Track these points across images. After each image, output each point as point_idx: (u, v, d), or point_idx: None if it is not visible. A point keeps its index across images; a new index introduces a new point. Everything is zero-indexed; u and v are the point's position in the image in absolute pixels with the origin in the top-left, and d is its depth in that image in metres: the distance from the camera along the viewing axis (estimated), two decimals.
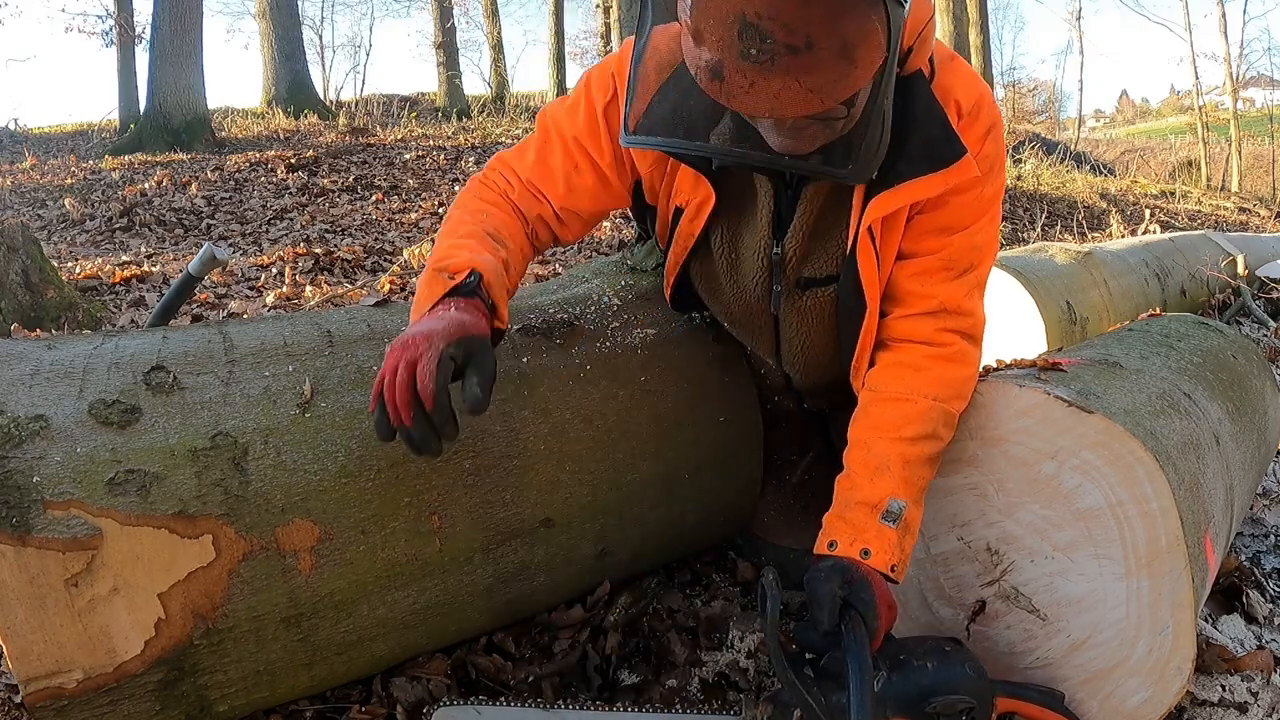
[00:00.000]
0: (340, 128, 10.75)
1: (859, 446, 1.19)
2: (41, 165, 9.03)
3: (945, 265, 1.22)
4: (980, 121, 1.18)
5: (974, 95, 1.18)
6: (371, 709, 1.26)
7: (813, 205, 1.25)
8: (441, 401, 0.99)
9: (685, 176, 1.27)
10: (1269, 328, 3.85)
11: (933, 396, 1.18)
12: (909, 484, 1.15)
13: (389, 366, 1.00)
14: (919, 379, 1.20)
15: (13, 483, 0.94)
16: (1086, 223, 7.87)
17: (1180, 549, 1.09)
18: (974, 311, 1.25)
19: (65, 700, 0.95)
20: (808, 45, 0.88)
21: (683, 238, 1.34)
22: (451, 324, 1.03)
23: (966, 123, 1.17)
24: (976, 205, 1.21)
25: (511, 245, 1.24)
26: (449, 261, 1.13)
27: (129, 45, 13.08)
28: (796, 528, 1.62)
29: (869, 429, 1.20)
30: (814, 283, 1.31)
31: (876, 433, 1.18)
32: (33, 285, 3.55)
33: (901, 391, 1.20)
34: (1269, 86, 25.75)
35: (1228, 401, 1.52)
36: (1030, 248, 3.24)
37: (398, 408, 0.99)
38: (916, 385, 1.19)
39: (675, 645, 1.44)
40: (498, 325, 1.15)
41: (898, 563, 1.12)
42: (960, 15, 12.36)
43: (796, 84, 0.90)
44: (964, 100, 1.17)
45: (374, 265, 4.85)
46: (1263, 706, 1.27)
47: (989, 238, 1.26)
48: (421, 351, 0.99)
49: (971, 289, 1.25)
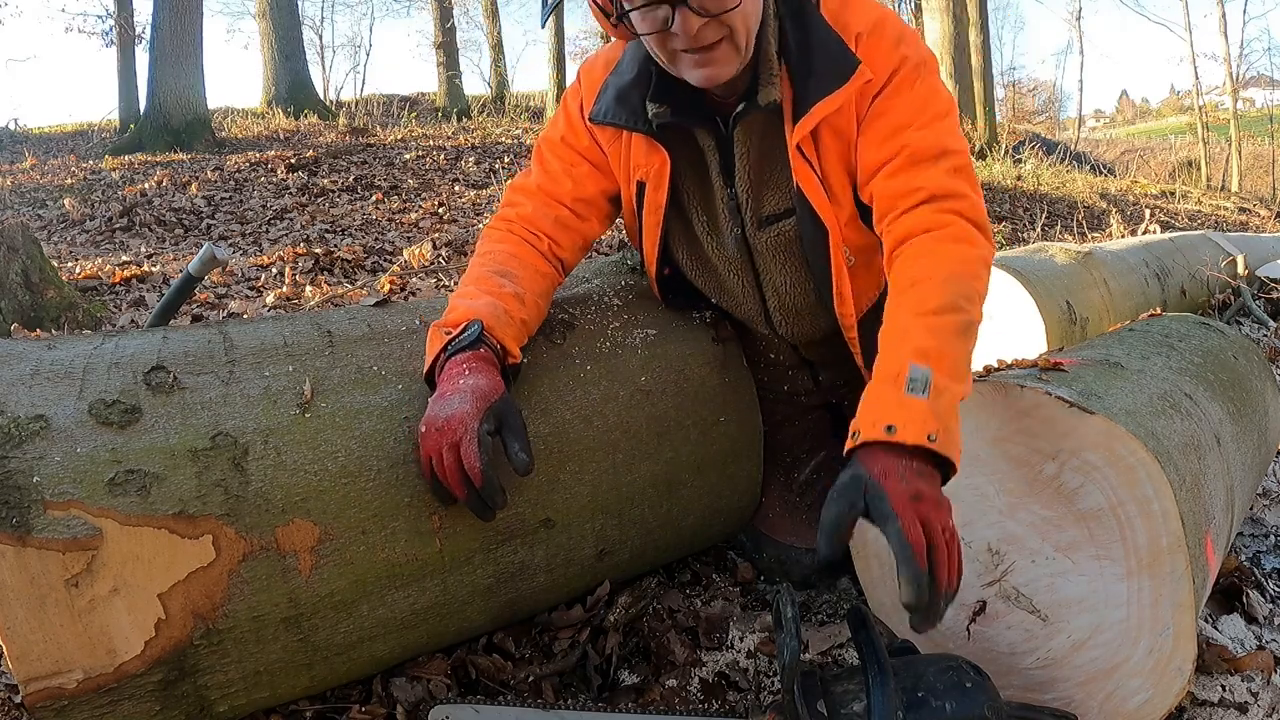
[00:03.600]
0: (340, 128, 10.76)
1: (885, 321, 1.14)
2: (41, 165, 9.03)
3: (915, 159, 1.23)
4: (885, 35, 1.25)
5: (870, 19, 1.26)
6: (371, 709, 1.26)
7: (748, 144, 1.33)
8: (489, 477, 1.09)
9: (638, 148, 1.37)
10: (1269, 328, 3.85)
11: (947, 272, 1.13)
12: (939, 354, 1.05)
13: (431, 450, 1.11)
14: (930, 261, 1.16)
15: (13, 483, 0.94)
16: (1086, 223, 7.87)
17: (1181, 550, 1.09)
18: (966, 193, 1.22)
19: (65, 700, 0.95)
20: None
21: (652, 209, 1.41)
22: (476, 398, 1.12)
23: (872, 41, 1.25)
24: (913, 102, 1.24)
25: (522, 273, 1.34)
26: (449, 315, 1.24)
27: (129, 45, 13.10)
28: (800, 525, 1.62)
29: (892, 310, 1.15)
30: (774, 218, 1.38)
31: (898, 310, 1.13)
32: (33, 285, 3.55)
33: (916, 275, 1.15)
34: (1269, 86, 25.75)
35: (1229, 402, 1.51)
36: (1030, 248, 3.24)
37: (451, 487, 1.11)
38: (928, 267, 1.15)
39: (675, 645, 1.44)
40: (510, 362, 1.24)
41: (935, 431, 0.98)
42: (960, 15, 12.35)
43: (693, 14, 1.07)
44: (861, 25, 1.25)
45: (374, 265, 4.85)
46: (1263, 706, 1.27)
47: (947, 129, 1.25)
48: (460, 435, 1.09)
49: (951, 173, 1.22)
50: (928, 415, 0.99)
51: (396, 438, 1.17)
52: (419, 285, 4.18)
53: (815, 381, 1.64)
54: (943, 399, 1.01)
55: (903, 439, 0.98)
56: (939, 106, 1.26)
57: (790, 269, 1.42)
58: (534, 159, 1.48)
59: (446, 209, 6.49)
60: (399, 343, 1.28)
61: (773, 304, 1.48)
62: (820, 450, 1.69)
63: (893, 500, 0.95)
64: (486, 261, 1.36)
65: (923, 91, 1.25)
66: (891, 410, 1.01)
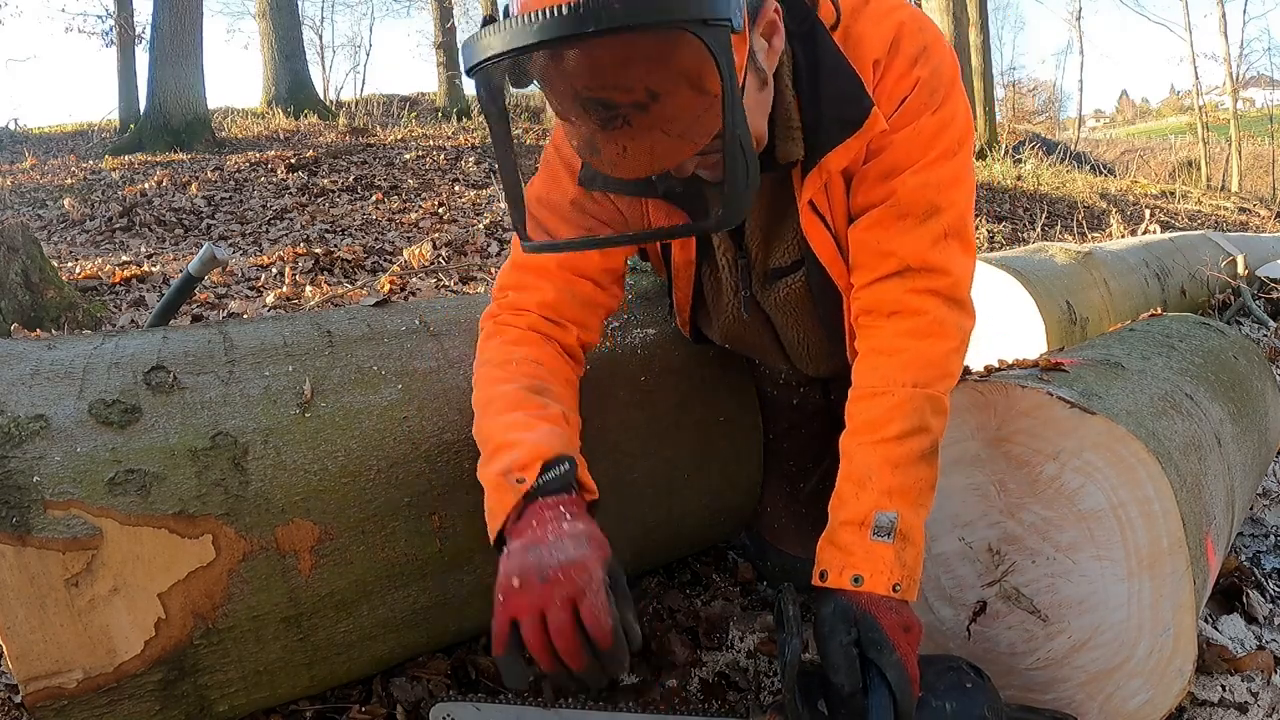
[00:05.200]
0: (340, 128, 10.76)
1: (844, 458, 1.09)
2: (41, 165, 9.03)
3: (898, 213, 1.08)
4: (902, 55, 1.06)
5: (888, 36, 1.06)
6: (371, 709, 1.26)
7: (759, 202, 1.20)
8: (619, 637, 0.89)
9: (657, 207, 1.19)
10: (1269, 328, 3.85)
11: (912, 383, 1.06)
12: (902, 490, 1.03)
13: (527, 608, 0.89)
14: (894, 364, 1.08)
15: (13, 483, 0.94)
16: (1086, 223, 7.87)
17: (1182, 550, 1.09)
18: (947, 268, 1.09)
19: (65, 700, 0.95)
20: (652, 97, 0.83)
21: (683, 266, 1.30)
22: (594, 544, 0.93)
23: (889, 67, 1.06)
24: (917, 139, 1.07)
25: (556, 387, 1.13)
26: (510, 458, 1.00)
27: (129, 45, 13.10)
28: (806, 537, 1.58)
29: (851, 435, 1.09)
30: (782, 272, 1.25)
31: (857, 439, 1.08)
32: (33, 285, 3.55)
33: (878, 384, 1.08)
34: (1269, 86, 25.77)
35: (1229, 402, 1.52)
36: (1030, 248, 3.24)
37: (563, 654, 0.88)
38: (892, 373, 1.07)
39: (675, 645, 1.44)
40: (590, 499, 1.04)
41: (900, 580, 1.00)
42: (960, 15, 12.37)
43: (663, 134, 0.85)
44: (879, 48, 1.06)
45: (374, 265, 4.86)
46: (1263, 707, 1.27)
47: (948, 175, 1.09)
48: (583, 586, 0.88)
49: (937, 239, 1.09)
50: (894, 565, 1.00)
51: (396, 438, 1.17)
52: (419, 285, 4.18)
53: (826, 398, 1.58)
54: (909, 540, 1.02)
55: (871, 589, 0.99)
56: (947, 141, 1.09)
57: (805, 320, 1.30)
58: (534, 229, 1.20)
59: (446, 209, 6.50)
60: (399, 343, 1.28)
61: (791, 350, 1.38)
62: (826, 459, 1.64)
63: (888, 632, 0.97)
64: (513, 373, 1.11)
65: (930, 125, 1.08)
66: (858, 560, 1.01)
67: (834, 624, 0.98)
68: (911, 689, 0.95)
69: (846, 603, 0.99)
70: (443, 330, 1.33)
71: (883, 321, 1.11)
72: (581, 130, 0.88)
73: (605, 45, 0.80)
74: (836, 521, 1.06)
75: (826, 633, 0.98)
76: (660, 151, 0.87)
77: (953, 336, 1.10)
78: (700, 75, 0.83)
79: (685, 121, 0.86)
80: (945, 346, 1.09)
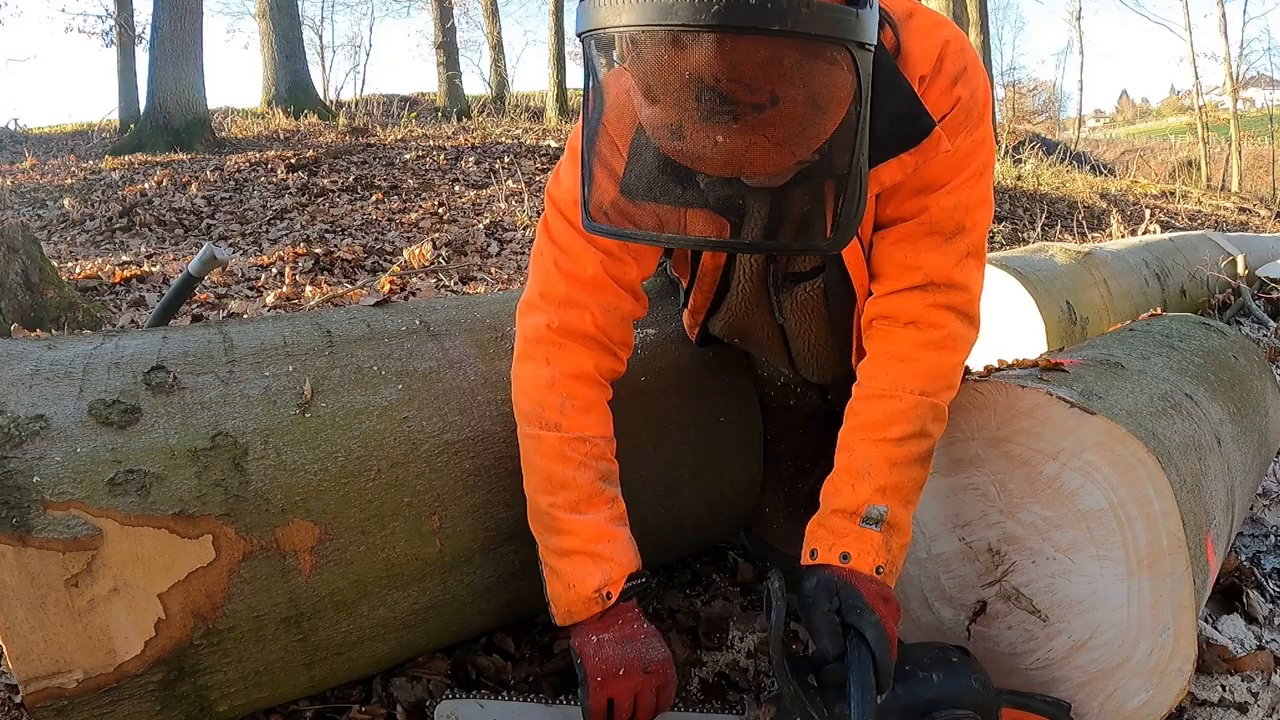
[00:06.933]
0: (340, 128, 10.76)
1: (844, 450, 1.14)
2: (41, 165, 9.03)
3: (928, 229, 1.13)
4: (944, 73, 1.07)
5: (933, 51, 1.07)
6: (371, 709, 1.26)
7: None
8: None
9: None
10: (1269, 328, 3.85)
11: (920, 390, 1.11)
12: (896, 488, 1.09)
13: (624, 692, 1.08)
14: (905, 371, 1.13)
15: (13, 483, 0.94)
16: (1086, 223, 7.87)
17: (1182, 550, 1.09)
18: (967, 285, 1.15)
19: (65, 700, 0.95)
20: (773, 101, 0.81)
21: (709, 271, 1.32)
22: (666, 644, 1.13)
23: (932, 84, 1.07)
24: (953, 159, 1.10)
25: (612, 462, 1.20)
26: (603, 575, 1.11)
27: (129, 45, 13.11)
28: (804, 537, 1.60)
29: (853, 430, 1.14)
30: (801, 277, 1.28)
31: (860, 434, 1.13)
32: (33, 285, 3.55)
33: (886, 387, 1.13)
34: (1269, 86, 25.78)
35: (1229, 402, 1.52)
36: (1030, 248, 3.24)
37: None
38: (902, 378, 1.12)
39: (675, 645, 1.44)
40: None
41: (884, 563, 1.07)
42: (960, 15, 12.35)
43: (764, 139, 0.84)
44: (925, 64, 1.06)
45: (374, 265, 4.86)
46: (1263, 706, 1.27)
47: (977, 196, 1.14)
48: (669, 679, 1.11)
49: (962, 257, 1.14)
50: (881, 549, 1.08)
51: (396, 438, 1.17)
52: (419, 285, 4.18)
53: (824, 400, 1.61)
54: (897, 530, 1.10)
55: (856, 568, 1.07)
56: (978, 163, 1.13)
57: (817, 326, 1.33)
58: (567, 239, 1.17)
59: (446, 209, 6.50)
60: (399, 343, 1.28)
61: (797, 355, 1.40)
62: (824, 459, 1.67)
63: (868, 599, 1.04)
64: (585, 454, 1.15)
65: (965, 146, 1.10)
66: (849, 541, 1.08)
67: (817, 595, 1.05)
68: (889, 647, 1.00)
69: (830, 575, 1.06)
70: (443, 330, 1.33)
71: (898, 329, 1.16)
72: (671, 114, 0.84)
73: (764, 44, 0.79)
74: (830, 508, 1.12)
75: (810, 603, 1.05)
76: (756, 154, 0.85)
77: (962, 350, 1.17)
78: (831, 92, 0.84)
79: (791, 131, 0.85)
80: (954, 359, 1.15)
